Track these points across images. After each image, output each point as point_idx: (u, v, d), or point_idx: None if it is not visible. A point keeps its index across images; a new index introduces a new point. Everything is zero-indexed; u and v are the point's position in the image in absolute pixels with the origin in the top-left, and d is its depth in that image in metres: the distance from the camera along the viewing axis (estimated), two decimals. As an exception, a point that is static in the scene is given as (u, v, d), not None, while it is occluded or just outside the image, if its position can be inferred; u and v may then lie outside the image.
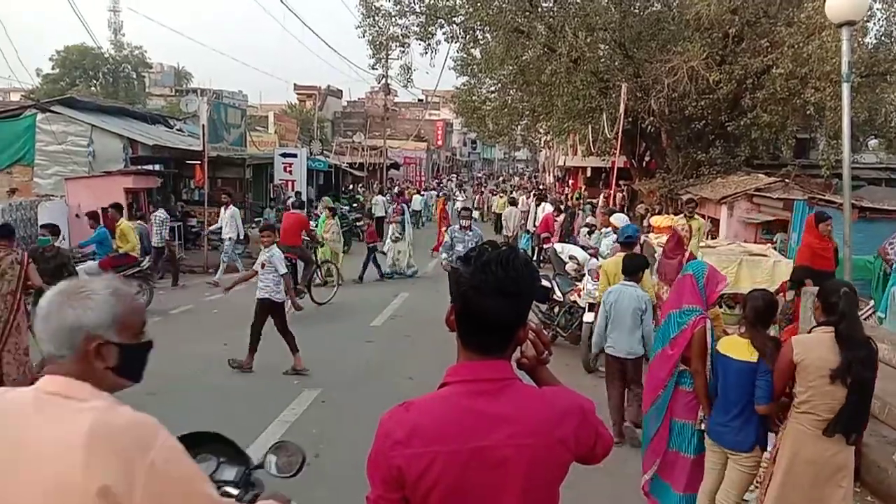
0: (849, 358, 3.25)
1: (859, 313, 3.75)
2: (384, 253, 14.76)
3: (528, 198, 22.40)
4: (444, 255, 10.21)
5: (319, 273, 12.69)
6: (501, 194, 25.82)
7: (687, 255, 8.14)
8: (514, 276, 1.53)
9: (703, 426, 4.06)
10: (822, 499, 3.41)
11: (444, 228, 15.89)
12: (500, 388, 1.55)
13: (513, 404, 1.54)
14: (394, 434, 1.52)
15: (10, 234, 6.88)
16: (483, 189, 38.72)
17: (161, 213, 13.76)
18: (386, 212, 21.92)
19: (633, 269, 5.86)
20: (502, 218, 19.53)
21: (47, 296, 1.59)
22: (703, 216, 12.57)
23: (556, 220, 16.37)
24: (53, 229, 9.90)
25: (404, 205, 17.59)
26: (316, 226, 14.05)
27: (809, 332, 3.68)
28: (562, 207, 17.88)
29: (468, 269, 1.56)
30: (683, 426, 4.14)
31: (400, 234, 14.66)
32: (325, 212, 14.95)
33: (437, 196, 30.72)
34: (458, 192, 35.28)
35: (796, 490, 3.43)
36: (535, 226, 17.39)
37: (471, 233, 10.06)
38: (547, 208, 17.44)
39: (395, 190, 31.33)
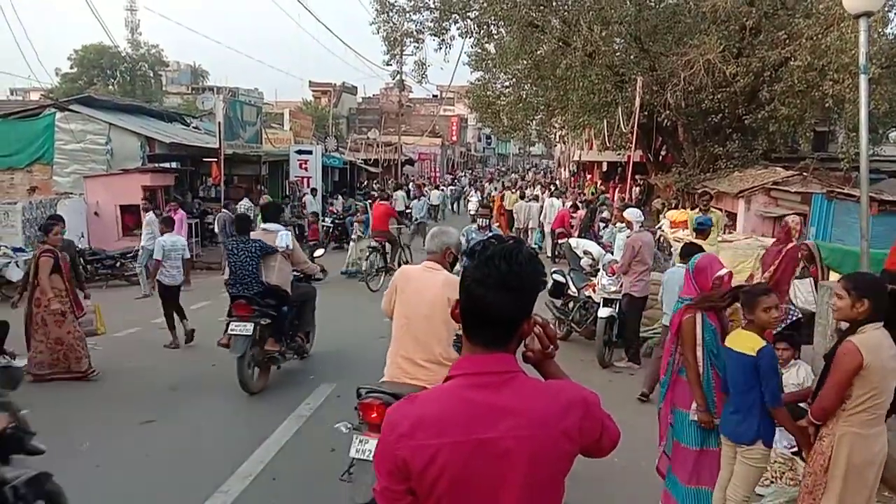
0: None
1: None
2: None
3: (542, 193, 22.36)
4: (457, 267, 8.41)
5: (404, 253, 13.96)
6: (514, 190, 25.66)
7: (789, 246, 7.64)
8: (518, 270, 1.55)
9: (695, 417, 4.09)
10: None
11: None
12: (504, 381, 1.57)
13: (516, 397, 1.56)
14: (399, 427, 1.55)
15: (42, 230, 7.31)
16: (486, 185, 38.14)
17: (246, 202, 15.23)
18: (406, 206, 22.13)
19: (686, 253, 6.79)
20: (514, 212, 19.56)
21: (435, 229, 4.34)
22: (719, 209, 12.43)
23: (572, 217, 16.30)
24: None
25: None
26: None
27: (854, 332, 3.40)
28: (579, 204, 17.79)
29: (472, 263, 1.59)
30: (683, 416, 4.17)
31: (362, 233, 14.21)
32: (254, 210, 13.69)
33: (477, 189, 31.63)
34: (472, 191, 34.43)
35: (859, 494, 3.39)
36: (548, 221, 17.35)
37: (490, 234, 7.95)
38: (555, 203, 17.43)
39: (409, 186, 31.42)
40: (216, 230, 14.38)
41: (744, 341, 3.70)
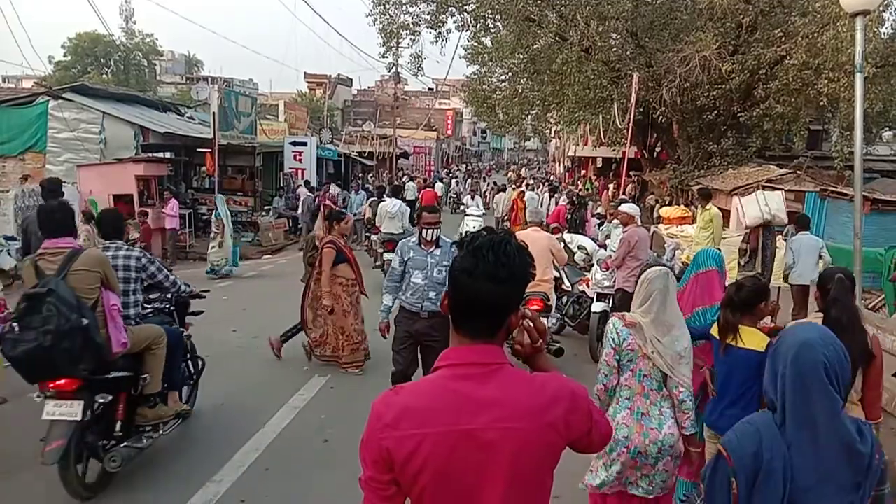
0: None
1: (859, 301, 3.68)
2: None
3: (539, 189, 22.52)
4: (387, 302, 5.72)
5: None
6: (514, 186, 25.74)
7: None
8: (506, 261, 1.55)
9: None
10: None
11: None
12: (490, 373, 1.56)
13: (501, 388, 1.55)
14: (384, 417, 1.55)
15: (330, 220, 7.37)
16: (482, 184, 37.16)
17: (334, 188, 17.44)
18: (415, 196, 22.51)
19: (803, 223, 8.86)
20: (493, 202, 20.08)
21: (532, 208, 10.36)
22: (725, 210, 12.30)
23: (568, 212, 16.39)
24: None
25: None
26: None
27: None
28: (575, 200, 17.94)
29: (461, 254, 1.59)
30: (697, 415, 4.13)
31: (216, 230, 13.43)
32: (80, 216, 12.01)
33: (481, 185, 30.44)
34: (466, 193, 27.06)
35: None
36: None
37: (438, 252, 5.44)
38: (534, 197, 17.75)
39: (405, 179, 31.41)
40: (301, 210, 15.52)
41: (751, 339, 3.67)
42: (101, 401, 4.30)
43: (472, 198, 21.09)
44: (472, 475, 1.52)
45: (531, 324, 1.68)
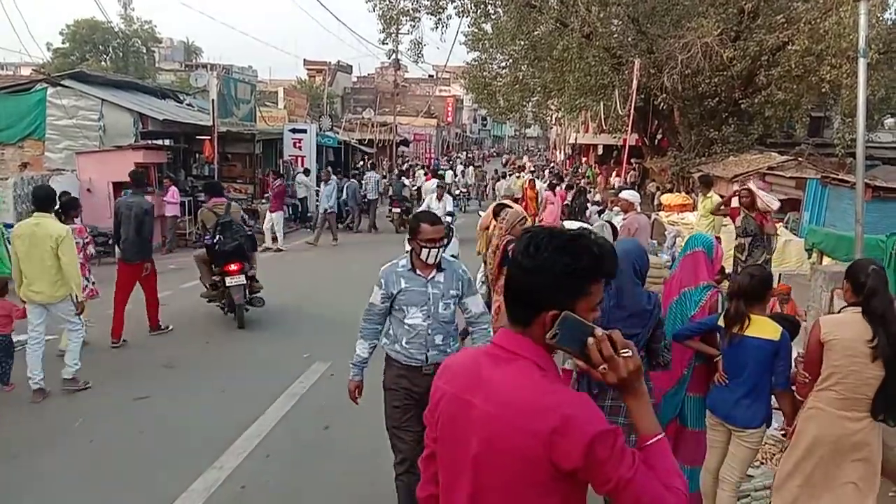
0: (882, 335, 3.15)
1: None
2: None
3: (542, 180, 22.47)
4: (362, 353, 4.23)
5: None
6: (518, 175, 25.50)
7: None
8: (533, 253, 1.58)
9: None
10: (839, 475, 3.36)
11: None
12: (508, 359, 1.60)
13: (506, 377, 1.58)
14: (441, 366, 1.82)
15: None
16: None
17: (374, 175, 19.24)
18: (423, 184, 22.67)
19: None
20: (495, 189, 20.16)
21: (502, 186, 17.81)
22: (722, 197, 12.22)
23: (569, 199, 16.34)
24: None
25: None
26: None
27: (839, 312, 3.53)
28: (575, 187, 17.89)
29: None
30: (696, 400, 4.13)
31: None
32: None
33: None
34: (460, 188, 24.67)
35: (817, 468, 3.38)
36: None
37: (442, 279, 3.77)
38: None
39: (405, 167, 31.27)
40: (345, 195, 17.17)
41: (764, 328, 3.64)
42: (249, 274, 8.20)
43: (439, 199, 13.82)
44: (463, 444, 1.63)
45: (598, 345, 1.48)
